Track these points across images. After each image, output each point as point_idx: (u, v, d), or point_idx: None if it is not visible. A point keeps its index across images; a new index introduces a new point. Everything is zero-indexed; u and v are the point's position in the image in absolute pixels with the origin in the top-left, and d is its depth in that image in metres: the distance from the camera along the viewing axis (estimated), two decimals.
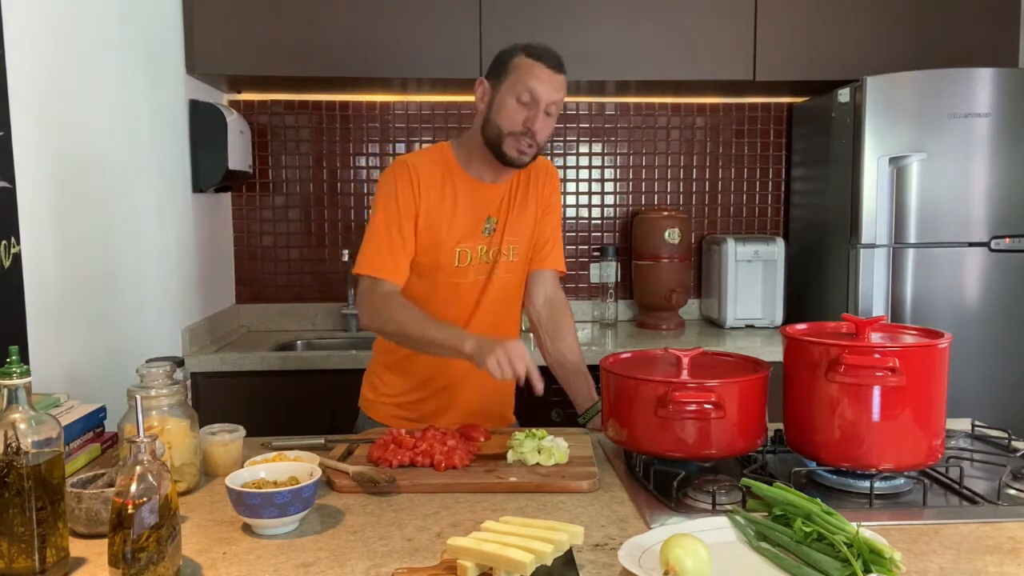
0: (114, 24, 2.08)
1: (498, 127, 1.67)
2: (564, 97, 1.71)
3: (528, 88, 1.65)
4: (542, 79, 1.65)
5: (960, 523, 1.18)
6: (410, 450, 1.41)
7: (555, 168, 1.93)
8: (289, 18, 2.61)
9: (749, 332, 2.90)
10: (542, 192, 1.85)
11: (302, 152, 3.05)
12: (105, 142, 2.02)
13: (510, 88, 1.66)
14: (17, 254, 1.59)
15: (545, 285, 1.88)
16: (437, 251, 1.73)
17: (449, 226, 1.73)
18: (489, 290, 1.79)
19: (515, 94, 1.66)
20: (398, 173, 1.72)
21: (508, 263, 1.81)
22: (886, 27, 2.75)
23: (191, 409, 1.37)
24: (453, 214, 1.73)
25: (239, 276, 3.07)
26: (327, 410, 2.28)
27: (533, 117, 1.65)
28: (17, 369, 1.06)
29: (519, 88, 1.65)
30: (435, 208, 1.72)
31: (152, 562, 0.97)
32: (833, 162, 2.74)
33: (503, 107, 1.67)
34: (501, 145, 1.68)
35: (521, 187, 1.83)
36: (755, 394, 1.36)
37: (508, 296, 1.84)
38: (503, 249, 1.79)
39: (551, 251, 1.88)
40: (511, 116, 1.66)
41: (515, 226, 1.81)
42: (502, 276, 1.80)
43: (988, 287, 2.54)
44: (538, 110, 1.65)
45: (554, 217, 1.89)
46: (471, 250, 1.76)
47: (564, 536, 1.04)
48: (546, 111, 1.67)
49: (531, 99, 1.65)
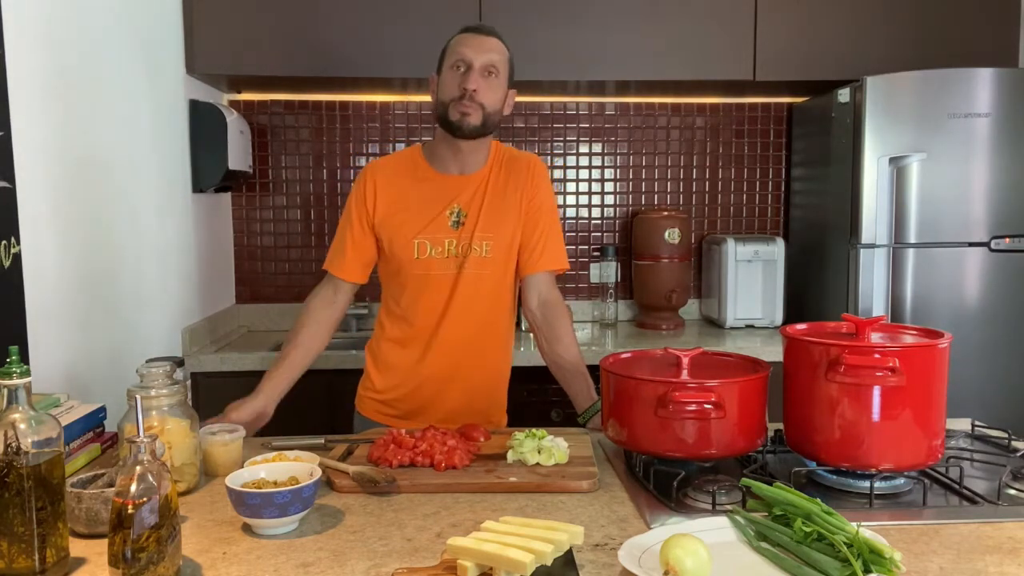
0: (114, 24, 2.08)
1: (441, 102, 1.74)
2: (501, 60, 1.74)
3: (456, 56, 1.73)
4: (469, 44, 1.73)
5: (960, 523, 1.18)
6: (410, 450, 1.41)
7: (542, 163, 1.87)
8: (289, 18, 2.61)
9: (749, 332, 2.90)
10: (525, 189, 1.82)
11: (302, 152, 3.05)
12: (105, 142, 2.02)
13: (446, 65, 1.75)
14: (17, 254, 1.59)
15: (539, 287, 1.85)
16: (397, 244, 1.78)
17: (408, 219, 1.78)
18: (460, 285, 1.78)
19: (449, 66, 1.74)
20: (358, 178, 1.85)
21: (480, 259, 1.78)
22: (886, 27, 2.75)
23: (191, 409, 1.37)
24: (412, 208, 1.78)
25: (239, 276, 3.07)
26: (327, 410, 2.28)
27: (466, 77, 1.70)
28: (17, 369, 1.06)
29: (451, 60, 1.75)
30: (394, 203, 1.79)
31: (152, 562, 0.97)
32: (833, 162, 2.74)
33: (442, 83, 1.76)
34: (447, 115, 1.73)
35: (499, 181, 1.81)
36: (755, 394, 1.36)
37: (486, 293, 1.81)
38: (473, 244, 1.77)
39: (543, 253, 1.83)
40: (448, 85, 1.73)
41: (488, 221, 1.78)
42: (475, 272, 1.78)
43: (988, 287, 2.54)
44: (471, 71, 1.70)
45: (544, 217, 1.84)
46: (432, 242, 1.77)
47: (564, 536, 1.04)
48: (484, 73, 1.71)
49: (462, 64, 1.72)
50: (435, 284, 1.78)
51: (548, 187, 1.86)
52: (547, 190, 1.86)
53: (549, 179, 1.88)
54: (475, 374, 1.84)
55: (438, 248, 1.77)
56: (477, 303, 1.80)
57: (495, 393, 1.90)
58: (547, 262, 1.84)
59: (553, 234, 1.85)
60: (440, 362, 1.81)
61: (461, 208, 1.78)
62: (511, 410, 1.96)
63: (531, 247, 1.83)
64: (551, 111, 3.12)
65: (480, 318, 1.82)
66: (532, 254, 1.83)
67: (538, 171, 1.85)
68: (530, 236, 1.83)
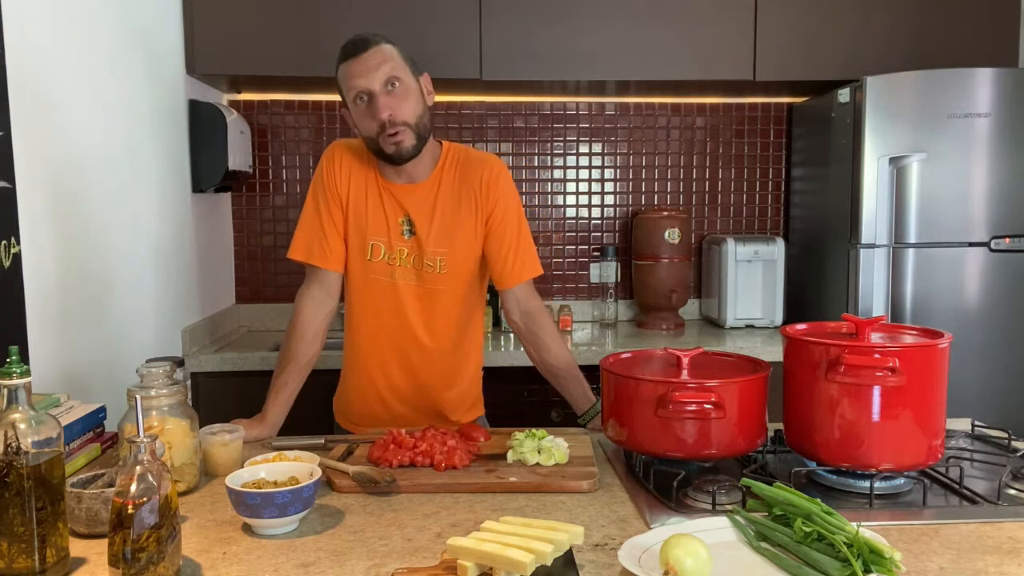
0: (114, 24, 2.07)
1: (368, 138, 1.66)
2: (395, 65, 1.61)
3: (352, 89, 1.62)
4: (355, 70, 1.61)
5: (960, 523, 1.18)
6: (410, 450, 1.41)
7: (500, 164, 1.76)
8: (289, 18, 2.61)
9: (749, 332, 2.90)
10: (484, 199, 1.72)
11: (302, 152, 3.05)
12: (105, 142, 2.02)
13: (348, 101, 1.66)
14: (17, 254, 1.59)
15: (517, 298, 1.77)
16: (354, 238, 1.73)
17: (367, 216, 1.72)
18: (412, 299, 1.72)
19: (352, 102, 1.65)
20: (325, 158, 1.76)
21: (435, 275, 1.71)
22: (886, 27, 2.75)
23: (191, 409, 1.37)
24: (371, 206, 1.72)
25: (239, 276, 3.07)
26: (327, 410, 2.27)
27: (375, 108, 1.60)
28: (17, 369, 1.06)
29: (350, 95, 1.64)
30: (358, 193, 1.72)
31: (152, 562, 0.97)
32: (833, 162, 2.74)
33: (356, 120, 1.67)
34: (381, 150, 1.65)
35: (451, 189, 1.72)
36: (755, 394, 1.36)
37: (448, 305, 1.74)
38: (426, 260, 1.71)
39: (515, 265, 1.74)
40: (363, 122, 1.64)
41: (440, 235, 1.71)
42: (429, 288, 1.72)
43: (988, 287, 2.54)
44: (374, 98, 1.60)
45: (510, 227, 1.73)
46: (386, 247, 1.72)
47: (564, 536, 1.04)
48: (387, 89, 1.60)
49: (364, 95, 1.62)
50: (384, 291, 1.73)
51: (509, 192, 1.74)
52: (508, 196, 1.74)
53: (510, 181, 1.76)
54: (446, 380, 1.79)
55: (391, 254, 1.71)
56: (429, 316, 1.74)
57: (467, 397, 1.85)
58: (520, 274, 1.75)
59: (523, 243, 1.75)
60: (387, 374, 1.77)
61: (410, 216, 1.71)
62: (512, 410, 1.95)
63: (502, 261, 1.74)
64: (551, 111, 3.12)
65: (432, 329, 1.75)
66: (504, 267, 1.74)
67: (495, 177, 1.73)
68: (498, 250, 1.74)
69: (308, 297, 1.76)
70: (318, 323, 1.76)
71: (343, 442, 1.55)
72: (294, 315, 1.76)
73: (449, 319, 1.77)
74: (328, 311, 1.77)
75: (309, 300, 1.76)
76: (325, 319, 1.77)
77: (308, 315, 1.75)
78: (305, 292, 1.77)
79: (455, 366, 1.81)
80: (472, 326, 1.83)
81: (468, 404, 1.86)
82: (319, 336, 1.76)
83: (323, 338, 1.78)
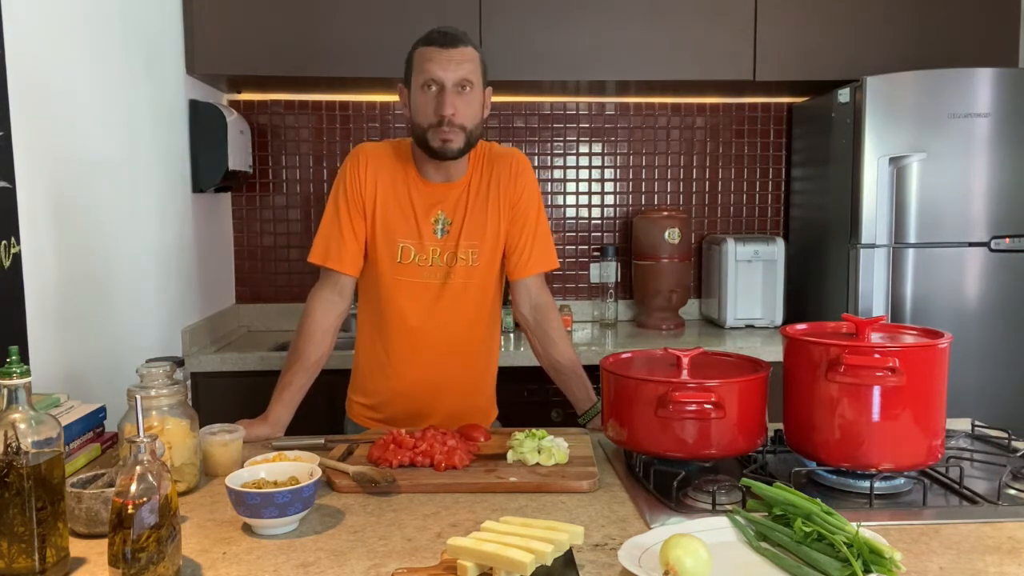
0: (114, 24, 2.07)
1: (418, 124, 1.67)
2: (473, 69, 1.64)
3: (426, 74, 1.63)
4: (437, 60, 1.62)
5: (960, 523, 1.18)
6: (410, 450, 1.41)
7: (524, 159, 1.80)
8: (289, 18, 2.61)
9: (749, 332, 2.90)
10: (508, 190, 1.75)
11: (302, 152, 3.05)
12: (105, 142, 2.02)
13: (415, 83, 1.66)
14: (17, 254, 1.59)
15: (529, 291, 1.80)
16: (382, 242, 1.73)
17: (396, 218, 1.72)
18: (446, 295, 1.74)
19: (420, 86, 1.65)
20: (350, 161, 1.76)
21: (468, 267, 1.74)
22: (886, 27, 2.75)
23: (191, 409, 1.37)
24: (403, 207, 1.73)
25: (239, 276, 3.07)
26: (327, 410, 2.27)
27: (441, 102, 1.61)
28: (17, 369, 1.06)
29: (421, 78, 1.65)
30: (386, 196, 1.72)
31: (152, 562, 0.97)
32: (833, 162, 2.74)
33: (415, 104, 1.67)
34: (427, 140, 1.65)
35: (481, 184, 1.75)
36: (755, 394, 1.36)
37: (472, 301, 1.76)
38: (460, 253, 1.73)
39: (531, 256, 1.78)
40: (423, 109, 1.65)
41: (472, 228, 1.73)
42: (462, 282, 1.74)
43: (988, 287, 2.54)
44: (444, 93, 1.62)
45: (530, 218, 1.78)
46: (417, 248, 1.72)
47: (564, 536, 1.04)
48: (458, 89, 1.62)
49: (434, 84, 1.63)
50: (416, 292, 1.74)
51: (532, 185, 1.79)
52: (531, 189, 1.79)
53: (533, 175, 1.80)
54: (461, 377, 1.80)
55: (423, 255, 1.73)
56: (462, 311, 1.76)
57: (481, 396, 1.86)
58: (536, 265, 1.79)
59: (540, 235, 1.79)
60: (423, 371, 1.77)
61: (446, 215, 1.73)
62: (512, 410, 1.95)
63: (519, 251, 1.77)
64: (551, 111, 3.12)
65: (466, 324, 1.77)
66: (520, 258, 1.78)
67: (521, 170, 1.77)
68: (517, 239, 1.77)
69: (319, 298, 1.77)
70: (327, 324, 1.76)
71: (343, 442, 1.55)
72: (304, 315, 1.77)
73: (480, 314, 1.79)
74: (339, 313, 1.77)
75: (320, 301, 1.76)
76: (335, 321, 1.77)
77: (318, 315, 1.75)
78: (317, 293, 1.78)
79: (483, 369, 1.85)
80: (495, 327, 1.87)
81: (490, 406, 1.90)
82: (328, 337, 1.76)
83: (332, 339, 1.77)
